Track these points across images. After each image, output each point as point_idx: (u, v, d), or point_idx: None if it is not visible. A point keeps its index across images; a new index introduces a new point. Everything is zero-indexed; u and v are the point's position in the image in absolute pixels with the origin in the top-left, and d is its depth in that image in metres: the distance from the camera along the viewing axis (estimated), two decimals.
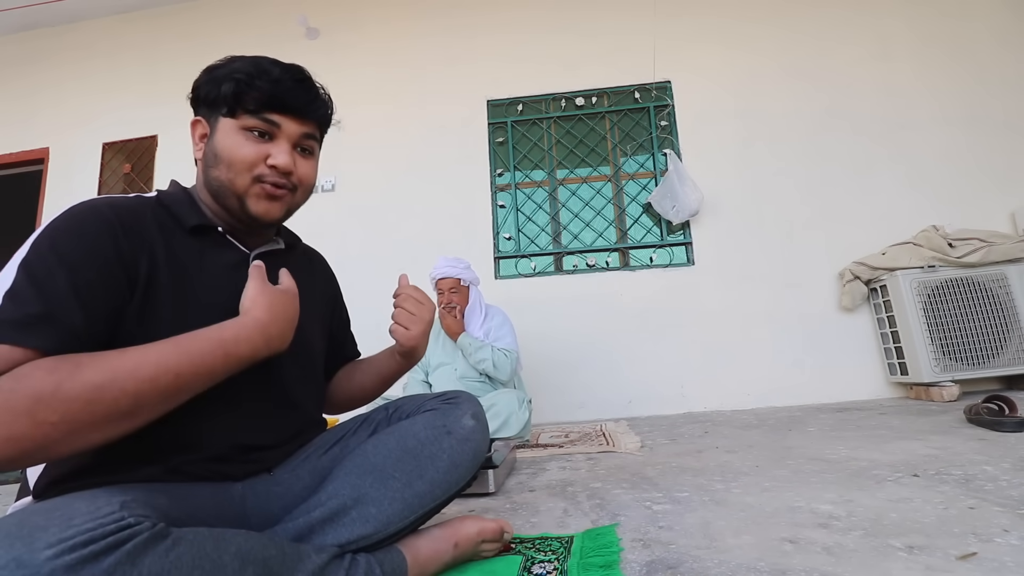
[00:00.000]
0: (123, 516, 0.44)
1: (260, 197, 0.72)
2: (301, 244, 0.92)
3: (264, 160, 0.72)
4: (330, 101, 0.80)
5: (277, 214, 0.75)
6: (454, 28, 3.46)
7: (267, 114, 0.71)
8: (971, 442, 1.47)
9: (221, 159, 0.71)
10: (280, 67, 0.73)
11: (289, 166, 0.72)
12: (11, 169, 3.85)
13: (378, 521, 0.70)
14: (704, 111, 3.16)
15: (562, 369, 2.92)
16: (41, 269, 0.56)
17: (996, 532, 0.81)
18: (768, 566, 0.74)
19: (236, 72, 0.70)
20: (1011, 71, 3.01)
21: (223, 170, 0.71)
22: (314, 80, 0.77)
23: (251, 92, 0.70)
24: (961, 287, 2.47)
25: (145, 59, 3.70)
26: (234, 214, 0.74)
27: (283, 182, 0.73)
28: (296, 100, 0.73)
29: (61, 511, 0.44)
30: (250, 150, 0.71)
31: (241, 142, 0.71)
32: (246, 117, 0.71)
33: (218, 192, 0.73)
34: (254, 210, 0.73)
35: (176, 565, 0.46)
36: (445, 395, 0.86)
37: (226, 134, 0.71)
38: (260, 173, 0.72)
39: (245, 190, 0.72)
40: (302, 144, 0.76)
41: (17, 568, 0.39)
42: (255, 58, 0.74)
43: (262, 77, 0.70)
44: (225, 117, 0.71)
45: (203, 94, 0.73)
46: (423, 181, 3.29)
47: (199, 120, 0.75)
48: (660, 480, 1.32)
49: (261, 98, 0.70)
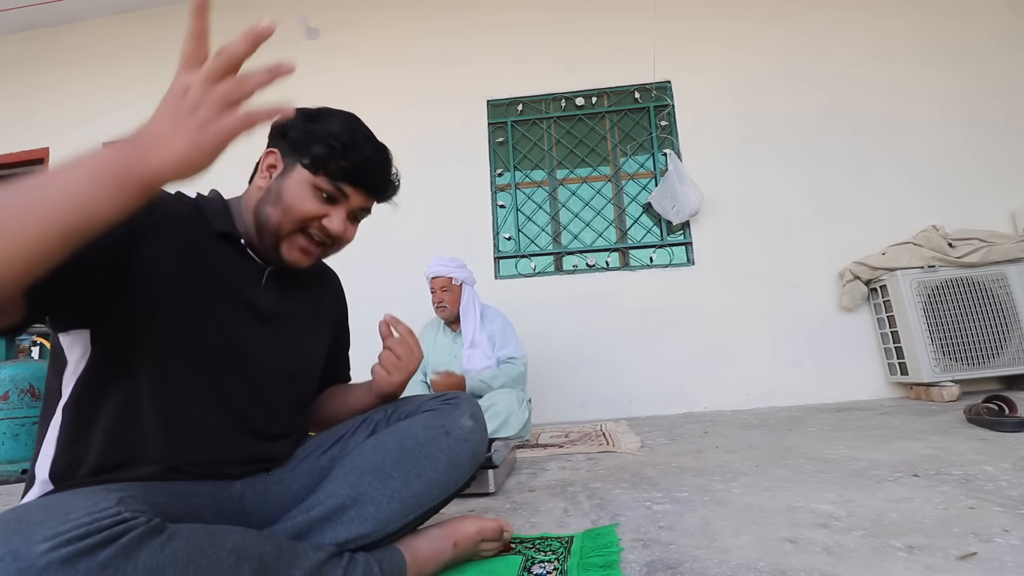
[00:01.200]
0: (119, 511, 0.45)
1: (295, 248, 0.75)
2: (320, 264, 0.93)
3: (320, 219, 0.74)
4: (399, 186, 0.84)
5: (304, 265, 0.78)
6: (454, 28, 3.46)
7: (343, 184, 0.74)
8: (971, 442, 1.47)
9: (283, 202, 0.73)
10: (372, 146, 0.76)
11: (340, 234, 0.76)
12: (11, 169, 3.85)
13: (376, 520, 0.70)
14: (704, 111, 3.16)
15: (562, 369, 2.92)
16: None
17: (996, 532, 0.81)
18: (768, 566, 0.74)
19: (333, 139, 0.72)
20: (1011, 71, 3.01)
21: (279, 212, 0.73)
22: (393, 164, 0.81)
23: (340, 162, 0.72)
24: (961, 287, 2.47)
25: (145, 59, 3.70)
26: (265, 248, 0.76)
27: (325, 240, 0.76)
28: (373, 182, 0.77)
29: (59, 506, 0.44)
30: (313, 207, 0.73)
31: (309, 197, 0.73)
32: (323, 179, 0.73)
33: (262, 225, 0.75)
34: (287, 256, 0.75)
35: (171, 560, 0.46)
36: (444, 396, 0.87)
37: (299, 184, 0.73)
38: (308, 227, 0.74)
39: (287, 236, 0.74)
40: (357, 214, 0.79)
41: (14, 561, 0.40)
42: (352, 125, 0.76)
43: (355, 151, 0.73)
44: (304, 168, 0.73)
45: (291, 137, 0.74)
46: (423, 181, 3.29)
47: (274, 152, 0.76)
48: (660, 480, 1.32)
49: (347, 169, 0.73)
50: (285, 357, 0.79)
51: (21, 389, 2.33)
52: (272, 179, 0.75)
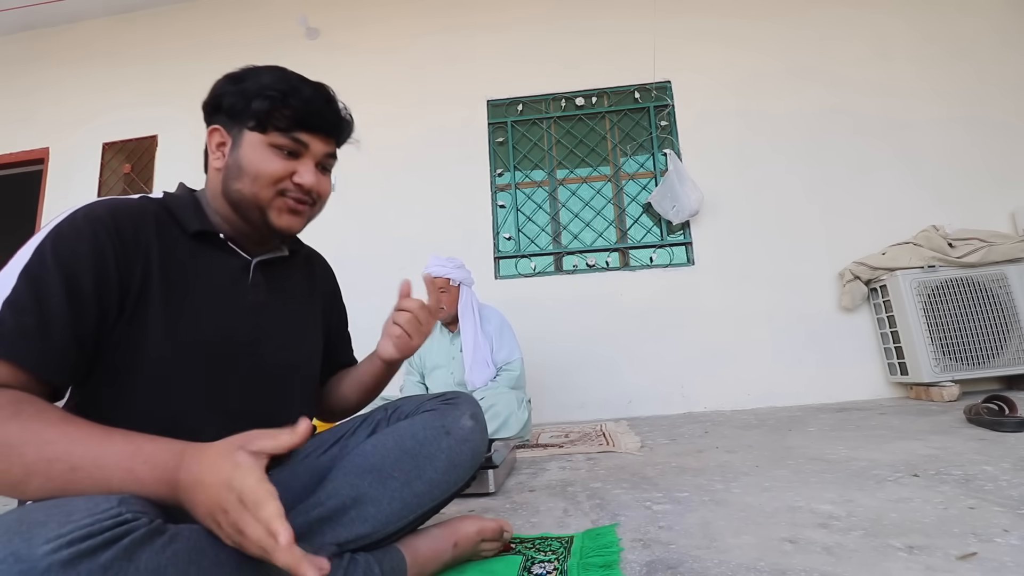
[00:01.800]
0: (120, 512, 0.45)
1: (283, 211, 0.73)
2: (304, 248, 0.92)
3: (290, 176, 0.72)
4: (352, 121, 0.80)
5: (299, 227, 0.76)
6: (454, 28, 3.46)
7: (297, 134, 0.72)
8: (971, 442, 1.47)
9: (246, 172, 0.71)
10: (310, 86, 0.74)
11: (315, 185, 0.74)
12: (11, 169, 3.85)
13: (377, 521, 0.70)
14: (704, 111, 3.16)
15: (562, 369, 2.92)
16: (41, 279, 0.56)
17: (996, 532, 0.81)
18: (768, 566, 0.74)
19: (268, 89, 0.70)
20: (1012, 71, 3.01)
21: (247, 183, 0.71)
22: (339, 101, 0.78)
23: (284, 111, 0.70)
24: (961, 287, 2.47)
25: (145, 59, 3.70)
26: (255, 226, 0.74)
27: (306, 198, 0.74)
28: (325, 122, 0.74)
29: (60, 508, 0.44)
30: (278, 166, 0.71)
31: (269, 157, 0.71)
32: (276, 135, 0.71)
33: (239, 204, 0.73)
34: (277, 223, 0.73)
35: (173, 561, 0.46)
36: (444, 396, 0.86)
37: (253, 149, 0.71)
38: (284, 188, 0.73)
39: (268, 203, 0.72)
40: (324, 162, 0.77)
41: (15, 562, 0.40)
42: (282, 73, 0.73)
43: (295, 96, 0.71)
44: (252, 131, 0.71)
45: (227, 104, 0.72)
46: (423, 181, 3.29)
47: (217, 129, 0.74)
48: (660, 480, 1.32)
49: (293, 117, 0.71)
50: (285, 350, 0.78)
51: None
52: (226, 156, 0.73)
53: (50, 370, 0.56)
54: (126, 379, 0.63)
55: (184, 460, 0.51)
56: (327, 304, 0.94)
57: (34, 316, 0.55)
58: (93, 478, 0.49)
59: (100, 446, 0.50)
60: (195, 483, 0.49)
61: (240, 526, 0.46)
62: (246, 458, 0.50)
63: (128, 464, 0.50)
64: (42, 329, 0.55)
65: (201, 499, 0.49)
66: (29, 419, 0.50)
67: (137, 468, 0.50)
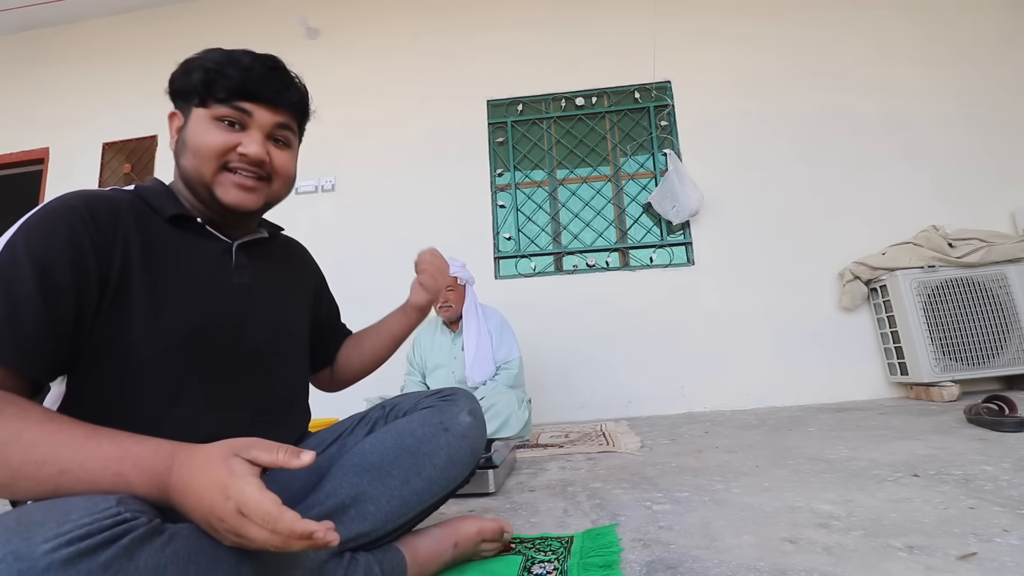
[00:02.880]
0: (120, 511, 0.45)
1: (230, 187, 0.71)
2: (282, 235, 0.92)
3: (234, 148, 0.70)
4: (305, 90, 0.78)
5: (253, 204, 0.73)
6: (454, 27, 3.46)
7: (238, 102, 0.70)
8: (971, 442, 1.47)
9: (189, 147, 0.70)
10: (251, 56, 0.72)
11: (260, 155, 0.71)
12: (11, 169, 3.85)
13: (376, 519, 0.70)
14: (704, 111, 3.16)
15: (562, 369, 2.92)
16: (11, 272, 0.55)
17: (996, 532, 0.81)
18: (768, 566, 0.74)
19: (207, 62, 0.70)
20: (1012, 70, 3.01)
21: (191, 158, 0.70)
22: (288, 69, 0.76)
23: (221, 80, 0.69)
24: (961, 287, 2.47)
25: (145, 59, 3.70)
26: (207, 204, 0.72)
27: (255, 171, 0.72)
28: (268, 88, 0.71)
29: (59, 507, 0.44)
30: (218, 137, 0.69)
31: (210, 130, 0.70)
32: (217, 106, 0.69)
33: (189, 181, 0.72)
34: (224, 199, 0.71)
35: (172, 560, 0.46)
36: (442, 392, 0.86)
37: (196, 123, 0.70)
38: (228, 160, 0.70)
39: (212, 178, 0.70)
40: (276, 135, 0.74)
41: (15, 561, 0.39)
42: (229, 50, 0.73)
43: (233, 66, 0.69)
44: (197, 107, 0.70)
45: (177, 86, 0.72)
46: (423, 181, 3.29)
47: (176, 112, 0.74)
48: (660, 480, 1.32)
49: (231, 86, 0.69)
50: (272, 331, 0.78)
51: None
52: (180, 135, 0.73)
53: (26, 364, 0.54)
54: (112, 366, 0.62)
55: (175, 463, 0.50)
56: (314, 291, 0.95)
57: (4, 311, 0.54)
58: (82, 481, 0.48)
59: (86, 449, 0.49)
60: (187, 488, 0.48)
61: (241, 532, 0.46)
62: (241, 465, 0.48)
63: (116, 468, 0.49)
64: (12, 323, 0.54)
65: (193, 504, 0.48)
66: (11, 419, 0.50)
67: (126, 471, 0.49)
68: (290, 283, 0.86)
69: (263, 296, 0.78)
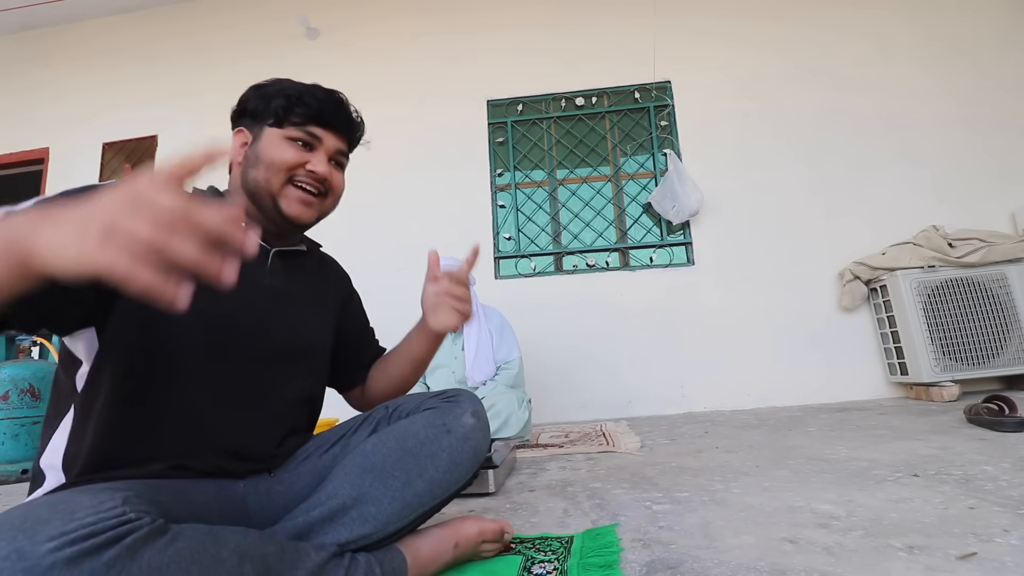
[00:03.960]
0: (124, 511, 0.45)
1: (293, 200, 0.78)
2: (319, 250, 0.97)
3: (303, 165, 0.78)
4: (363, 122, 0.88)
5: (310, 217, 0.80)
6: (454, 27, 3.46)
7: (311, 128, 0.79)
8: (971, 442, 1.47)
9: (261, 160, 0.77)
10: (324, 90, 0.82)
11: (326, 174, 0.80)
12: (11, 169, 3.85)
13: (378, 520, 0.70)
14: (704, 111, 3.16)
15: (562, 369, 2.92)
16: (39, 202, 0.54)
17: (996, 532, 0.81)
18: (768, 566, 0.74)
19: (287, 90, 0.79)
20: (1012, 70, 3.01)
21: (262, 170, 0.77)
22: (350, 104, 0.86)
23: (300, 107, 0.78)
24: (961, 287, 2.47)
25: (145, 59, 3.69)
26: (268, 214, 0.79)
27: (317, 187, 0.79)
28: (337, 119, 0.81)
29: (64, 504, 0.45)
30: (291, 154, 0.77)
31: (284, 147, 0.78)
32: (292, 129, 0.78)
33: (255, 191, 0.78)
34: (287, 211, 0.78)
35: (175, 560, 0.46)
36: (445, 394, 0.86)
37: (270, 141, 0.78)
38: (295, 175, 0.78)
39: (279, 190, 0.77)
40: (336, 158, 0.83)
41: (19, 559, 0.40)
42: (294, 82, 0.82)
43: (309, 95, 0.79)
44: (271, 127, 0.78)
45: (251, 107, 0.80)
46: (423, 181, 3.29)
47: (241, 130, 0.81)
48: (660, 480, 1.32)
49: (308, 113, 0.78)
50: (294, 337, 0.80)
51: (21, 389, 2.33)
52: (249, 150, 0.79)
53: None
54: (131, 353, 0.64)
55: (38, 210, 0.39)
56: (342, 307, 0.97)
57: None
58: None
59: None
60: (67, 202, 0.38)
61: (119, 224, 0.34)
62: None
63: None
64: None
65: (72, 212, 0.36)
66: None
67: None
68: (317, 295, 0.89)
69: (288, 301, 0.82)
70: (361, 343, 1.01)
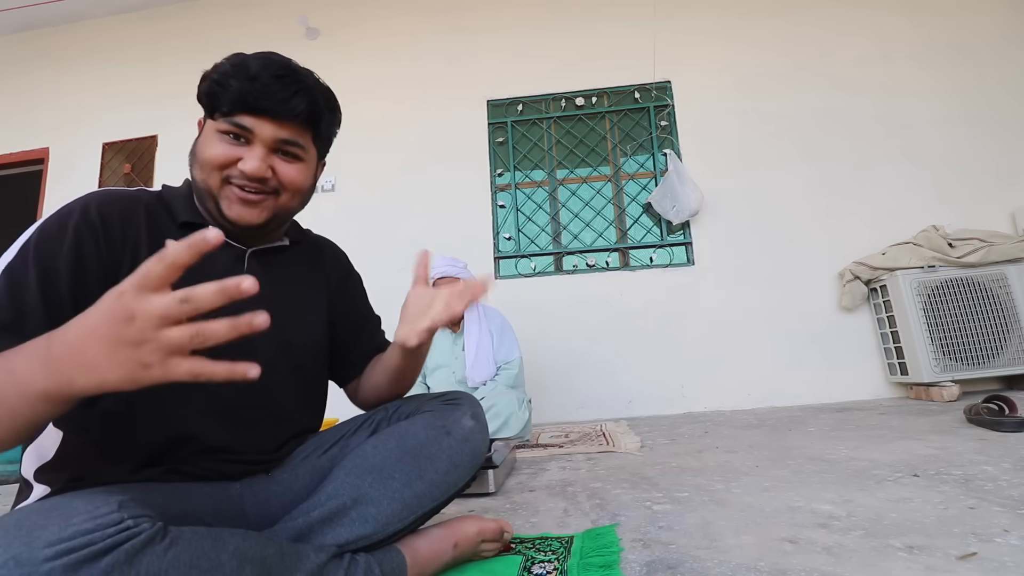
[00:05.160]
0: (122, 517, 0.45)
1: (232, 201, 0.69)
2: (310, 237, 0.90)
3: (235, 163, 0.68)
4: (317, 94, 0.73)
5: (256, 219, 0.71)
6: (454, 28, 3.46)
7: (238, 117, 0.67)
8: (971, 442, 1.47)
9: (197, 159, 0.70)
10: (261, 63, 0.68)
11: (258, 172, 0.68)
12: (11, 169, 3.85)
13: (377, 521, 0.70)
14: (704, 111, 3.16)
15: (562, 369, 2.92)
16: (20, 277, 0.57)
17: (996, 532, 0.81)
18: (768, 566, 0.74)
19: (216, 71, 0.68)
20: (1012, 70, 3.01)
21: (198, 170, 0.70)
22: (299, 75, 0.71)
23: (224, 94, 0.67)
24: (961, 287, 2.47)
25: (145, 58, 3.69)
26: (214, 216, 0.72)
27: (255, 186, 0.70)
28: (269, 101, 0.67)
29: (60, 511, 0.44)
30: (219, 151, 0.68)
31: (214, 143, 0.68)
32: (221, 120, 0.68)
33: (199, 193, 0.72)
34: (228, 213, 0.70)
35: (174, 564, 0.46)
36: (445, 396, 0.86)
37: (205, 136, 0.70)
38: (229, 175, 0.69)
39: (217, 191, 0.69)
40: (283, 148, 0.71)
41: (16, 567, 0.39)
42: (242, 56, 0.70)
43: (238, 76, 0.66)
44: (209, 119, 0.70)
45: (198, 94, 0.71)
46: (423, 181, 3.29)
47: (199, 121, 0.74)
48: (660, 480, 1.32)
49: (233, 99, 0.66)
50: (285, 342, 0.77)
51: None
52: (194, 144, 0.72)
53: None
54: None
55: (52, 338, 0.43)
56: (337, 291, 0.91)
57: (10, 313, 0.55)
58: None
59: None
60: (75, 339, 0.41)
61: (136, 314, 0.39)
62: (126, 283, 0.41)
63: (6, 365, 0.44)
64: (17, 326, 0.55)
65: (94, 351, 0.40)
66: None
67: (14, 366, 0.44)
68: (309, 290, 0.84)
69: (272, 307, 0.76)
70: (352, 334, 0.92)
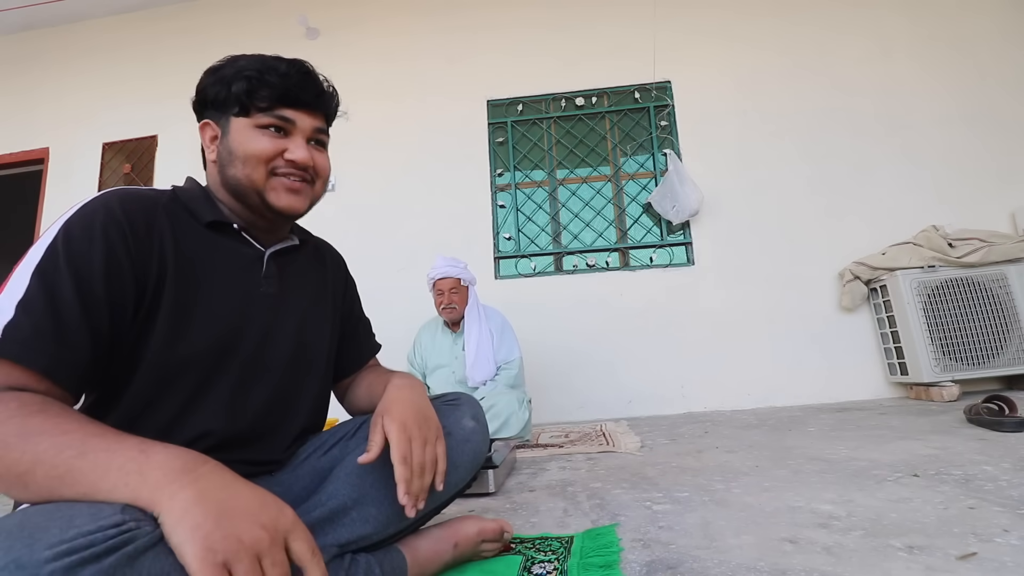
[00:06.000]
0: (124, 519, 0.44)
1: (280, 191, 0.72)
2: (313, 239, 0.91)
3: (281, 154, 0.72)
4: (335, 92, 0.80)
5: (301, 207, 0.75)
6: (454, 28, 3.46)
7: (280, 110, 0.71)
8: (971, 442, 1.47)
9: (236, 156, 0.71)
10: (285, 62, 0.73)
11: (308, 160, 0.73)
12: (11, 169, 3.85)
13: (378, 521, 0.70)
14: (704, 111, 3.16)
15: (562, 369, 2.92)
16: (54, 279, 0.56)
17: (996, 532, 0.81)
18: (768, 566, 0.74)
19: (244, 70, 0.70)
20: (1012, 70, 3.01)
21: (239, 167, 0.71)
22: (318, 73, 0.78)
23: (262, 90, 0.70)
24: (961, 287, 2.47)
25: (145, 58, 3.69)
26: (257, 211, 0.73)
27: (301, 174, 0.73)
28: (306, 95, 0.73)
29: (62, 512, 0.44)
30: (266, 144, 0.71)
31: (256, 138, 0.71)
32: (260, 115, 0.71)
33: (237, 190, 0.72)
34: (276, 204, 0.72)
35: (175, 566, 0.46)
36: (445, 397, 0.86)
37: (240, 132, 0.71)
38: (276, 166, 0.72)
39: (263, 184, 0.71)
40: (316, 137, 0.76)
41: (17, 569, 0.39)
42: (258, 55, 0.73)
43: (271, 73, 0.71)
44: (237, 117, 0.71)
45: (211, 96, 0.72)
46: (423, 181, 3.29)
47: (208, 123, 0.74)
48: (660, 480, 1.32)
49: (273, 95, 0.71)
50: (298, 345, 0.78)
51: None
52: (220, 145, 0.73)
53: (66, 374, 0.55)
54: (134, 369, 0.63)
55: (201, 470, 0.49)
56: (339, 293, 0.92)
57: (50, 319, 0.54)
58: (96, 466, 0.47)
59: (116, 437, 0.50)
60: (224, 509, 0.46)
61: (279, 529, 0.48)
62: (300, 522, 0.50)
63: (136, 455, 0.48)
64: (58, 333, 0.54)
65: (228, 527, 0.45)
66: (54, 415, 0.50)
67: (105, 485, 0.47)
68: (316, 292, 0.85)
69: (288, 308, 0.78)
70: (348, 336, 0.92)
